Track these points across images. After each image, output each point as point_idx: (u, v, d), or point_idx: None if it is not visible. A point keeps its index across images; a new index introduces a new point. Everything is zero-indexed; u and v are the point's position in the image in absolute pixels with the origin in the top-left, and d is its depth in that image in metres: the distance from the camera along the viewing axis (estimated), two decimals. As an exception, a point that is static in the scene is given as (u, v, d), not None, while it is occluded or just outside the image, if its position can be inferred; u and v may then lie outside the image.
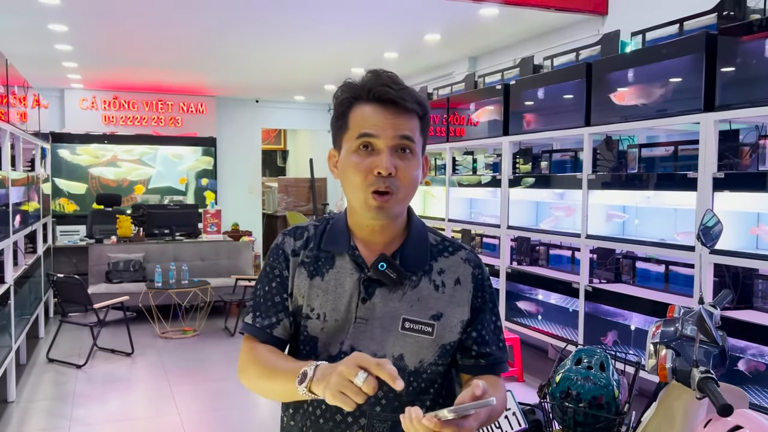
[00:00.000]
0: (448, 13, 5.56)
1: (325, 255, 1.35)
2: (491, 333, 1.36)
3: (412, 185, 1.28)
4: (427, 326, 1.29)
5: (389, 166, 1.23)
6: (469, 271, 1.36)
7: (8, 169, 4.60)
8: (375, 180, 1.24)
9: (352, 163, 1.27)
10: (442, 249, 1.37)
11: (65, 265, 7.76)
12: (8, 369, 4.57)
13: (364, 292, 1.30)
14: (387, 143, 1.24)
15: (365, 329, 1.29)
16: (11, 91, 4.91)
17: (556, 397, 2.11)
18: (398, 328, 1.28)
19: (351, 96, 1.30)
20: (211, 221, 8.40)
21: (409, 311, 1.29)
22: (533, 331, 5.02)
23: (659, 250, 3.98)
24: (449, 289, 1.33)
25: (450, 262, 1.35)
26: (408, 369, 1.29)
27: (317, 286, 1.32)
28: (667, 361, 1.79)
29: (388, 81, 1.27)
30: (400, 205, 1.29)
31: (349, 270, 1.32)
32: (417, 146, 1.28)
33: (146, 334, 6.68)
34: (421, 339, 1.29)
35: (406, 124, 1.26)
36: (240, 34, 6.46)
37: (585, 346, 2.30)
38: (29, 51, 7.07)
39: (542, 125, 4.92)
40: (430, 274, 1.33)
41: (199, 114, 10.54)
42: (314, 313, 1.32)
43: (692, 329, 1.84)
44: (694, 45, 3.59)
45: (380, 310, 1.29)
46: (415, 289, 1.31)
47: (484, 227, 5.89)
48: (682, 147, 4.09)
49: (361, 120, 1.27)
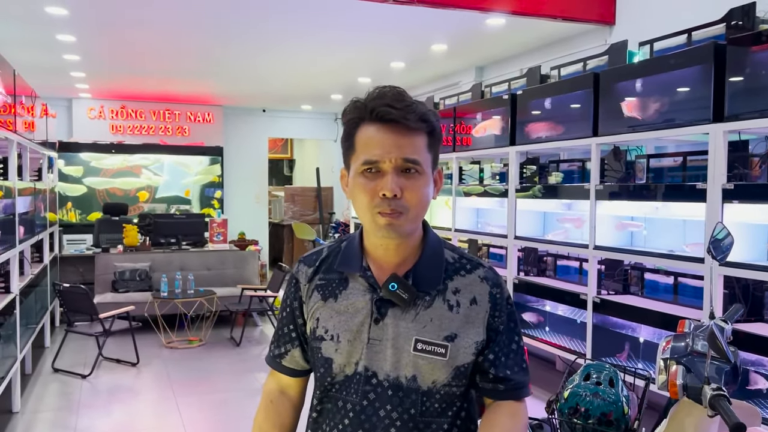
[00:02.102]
0: (454, 23, 5.56)
1: (339, 276, 1.35)
2: (510, 355, 1.33)
3: (421, 204, 1.27)
4: (440, 347, 1.26)
5: (394, 188, 1.21)
6: (487, 290, 1.32)
7: (15, 179, 4.60)
8: (380, 202, 1.23)
9: (359, 185, 1.26)
10: (459, 267, 1.33)
11: (72, 274, 7.77)
12: (13, 379, 4.56)
13: (377, 312, 1.29)
14: (391, 165, 1.23)
15: (379, 350, 1.28)
16: (19, 101, 4.93)
17: (565, 413, 2.08)
18: (411, 349, 1.26)
19: (356, 116, 1.28)
20: (218, 230, 8.40)
21: (422, 332, 1.27)
22: (540, 342, 4.98)
23: (668, 261, 3.94)
24: (464, 308, 1.29)
25: (467, 281, 1.32)
26: (421, 389, 1.27)
27: (331, 307, 1.33)
28: (678, 378, 1.75)
29: (391, 100, 1.25)
30: (411, 224, 1.27)
31: (362, 291, 1.31)
32: (424, 164, 1.26)
33: (152, 343, 6.67)
34: (435, 360, 1.26)
35: (411, 144, 1.24)
36: (247, 44, 6.47)
37: (594, 361, 2.26)
38: (37, 61, 7.11)
39: (549, 135, 4.89)
40: (444, 294, 1.30)
41: (206, 123, 10.58)
42: (328, 335, 1.32)
43: (703, 345, 1.80)
44: (703, 55, 3.57)
45: (393, 331, 1.27)
46: (428, 309, 1.28)
47: (491, 237, 5.86)
48: (691, 158, 4.06)
49: (366, 142, 1.25)
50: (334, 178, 12.00)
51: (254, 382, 5.61)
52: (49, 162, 7.09)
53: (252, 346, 6.80)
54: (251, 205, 11.09)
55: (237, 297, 7.28)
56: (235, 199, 10.82)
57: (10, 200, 4.44)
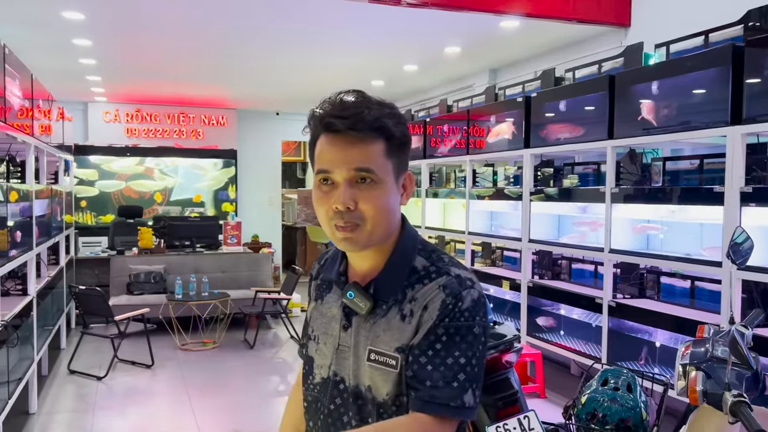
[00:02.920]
0: (468, 25, 5.55)
1: (327, 279, 1.38)
2: (440, 368, 1.17)
3: (379, 214, 1.20)
4: (391, 359, 1.21)
5: (346, 200, 1.18)
6: (441, 298, 1.19)
7: (32, 182, 4.65)
8: (334, 215, 1.20)
9: (316, 198, 1.24)
10: (424, 276, 1.24)
11: (87, 277, 7.83)
12: (30, 380, 4.60)
13: (345, 319, 1.29)
14: (342, 176, 1.19)
15: (346, 357, 1.28)
16: (36, 104, 4.97)
17: (582, 419, 2.06)
18: (365, 359, 1.24)
19: (314, 127, 1.25)
20: (231, 233, 8.43)
21: (375, 342, 1.23)
22: (555, 346, 4.95)
23: (685, 265, 3.91)
24: (416, 318, 1.21)
25: (424, 290, 1.22)
26: (377, 401, 1.24)
27: (318, 309, 1.37)
28: (698, 384, 1.74)
29: (338, 110, 1.20)
30: (370, 236, 1.22)
31: (337, 296, 1.32)
32: (380, 172, 1.20)
33: (166, 346, 6.70)
34: (387, 372, 1.22)
35: (362, 153, 1.18)
36: (260, 47, 6.50)
37: (611, 366, 2.25)
38: (54, 65, 7.18)
39: (564, 138, 4.87)
40: (401, 304, 1.23)
41: (220, 126, 10.63)
42: (313, 335, 1.36)
43: (723, 351, 1.79)
44: (721, 57, 3.54)
45: (354, 339, 1.27)
46: (383, 318, 1.24)
47: (505, 240, 5.84)
48: (708, 160, 4.02)
49: (319, 153, 1.22)
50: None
51: (268, 384, 5.62)
52: (66, 165, 7.15)
53: (266, 349, 6.81)
54: (265, 208, 11.12)
55: (251, 299, 7.30)
56: (248, 202, 10.86)
57: (28, 203, 4.48)
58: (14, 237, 3.98)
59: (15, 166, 4.95)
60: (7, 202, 3.76)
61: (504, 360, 2.52)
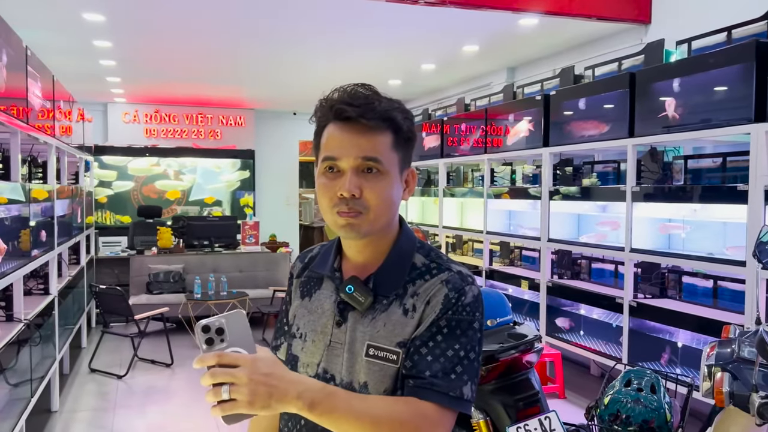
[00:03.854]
0: (486, 24, 5.53)
1: (316, 276, 1.35)
2: (440, 359, 1.17)
3: (383, 205, 1.21)
4: (392, 354, 1.20)
5: (351, 188, 1.18)
6: (444, 292, 1.21)
7: (54, 183, 4.69)
8: (339, 202, 1.20)
9: (320, 185, 1.23)
10: (425, 271, 1.25)
11: (107, 276, 7.90)
12: (52, 379, 4.64)
13: (339, 315, 1.27)
14: (349, 164, 1.19)
15: (338, 353, 1.26)
16: (57, 106, 5.02)
17: (605, 420, 2.04)
18: (363, 354, 1.22)
19: (322, 115, 1.25)
20: (250, 233, 8.46)
21: (375, 337, 1.22)
22: (575, 346, 4.91)
23: (708, 264, 3.86)
24: (419, 313, 1.21)
25: (427, 285, 1.23)
26: None
27: (305, 306, 1.34)
28: (724, 385, 1.71)
29: (350, 97, 1.21)
30: (372, 226, 1.22)
31: (330, 292, 1.30)
32: (387, 164, 1.21)
33: (185, 345, 6.74)
34: (386, 367, 1.21)
35: (370, 143, 1.20)
36: (278, 48, 6.51)
37: (634, 367, 2.22)
38: (75, 67, 7.25)
39: (583, 136, 4.82)
40: (402, 298, 1.23)
41: (238, 127, 10.69)
42: (299, 333, 1.33)
43: (750, 351, 1.76)
44: (744, 53, 3.48)
45: (350, 335, 1.25)
46: (383, 313, 1.23)
47: (524, 240, 5.80)
48: (731, 158, 3.97)
49: (327, 141, 1.23)
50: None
51: (286, 383, 5.62)
52: (86, 165, 7.22)
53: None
54: (282, 208, 11.16)
55: (269, 299, 7.32)
56: (266, 202, 10.90)
57: (49, 203, 4.53)
58: (36, 237, 4.03)
59: (36, 166, 5.00)
60: (29, 202, 3.80)
61: (524, 360, 2.51)
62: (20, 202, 3.62)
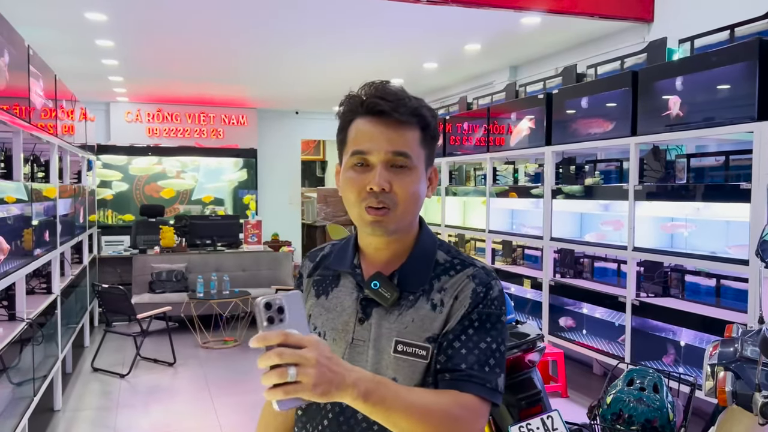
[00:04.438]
0: (489, 22, 5.52)
1: (332, 274, 1.34)
2: (474, 351, 1.19)
3: (411, 200, 1.22)
4: (421, 349, 1.21)
5: (381, 182, 1.18)
6: (471, 287, 1.23)
7: (56, 182, 4.70)
8: (368, 196, 1.20)
9: (347, 179, 1.23)
10: (449, 267, 1.27)
11: (110, 275, 7.91)
12: (55, 378, 4.65)
13: (362, 312, 1.26)
14: (380, 158, 1.20)
15: (361, 350, 1.25)
16: (59, 105, 5.03)
17: (608, 419, 2.03)
18: (391, 351, 1.22)
19: (349, 110, 1.25)
20: (252, 232, 8.47)
21: (403, 333, 1.22)
22: (577, 345, 4.91)
23: (711, 263, 3.85)
24: (447, 307, 1.23)
25: (453, 281, 1.25)
26: None
27: (321, 305, 1.33)
28: (727, 384, 1.70)
29: (381, 92, 1.22)
30: (399, 221, 1.23)
31: (350, 289, 1.30)
32: (416, 159, 1.22)
33: (188, 344, 6.75)
34: (415, 363, 1.21)
35: (401, 138, 1.21)
36: (280, 47, 6.51)
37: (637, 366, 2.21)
38: (77, 66, 7.26)
39: (586, 135, 4.82)
40: (429, 294, 1.24)
41: (240, 126, 10.68)
42: (316, 332, 1.31)
43: (753, 351, 1.75)
44: (747, 52, 3.48)
45: (375, 331, 1.24)
46: (411, 309, 1.23)
47: (526, 239, 5.80)
48: (734, 157, 3.96)
49: (356, 135, 1.23)
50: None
51: (289, 382, 5.62)
52: (88, 165, 7.23)
53: (286, 347, 6.82)
54: (285, 207, 11.16)
55: (271, 298, 7.32)
56: (268, 201, 10.90)
57: (52, 202, 4.53)
58: (39, 236, 4.03)
59: (39, 165, 5.01)
60: (32, 202, 3.81)
61: (527, 359, 2.50)
62: (23, 201, 3.63)
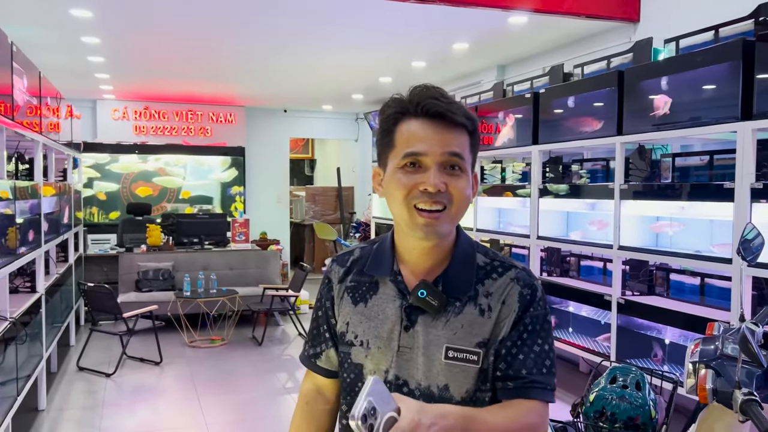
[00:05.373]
0: (476, 21, 5.52)
1: (369, 280, 1.32)
2: (530, 355, 1.23)
3: (463, 202, 1.22)
4: (472, 354, 1.21)
5: (438, 183, 1.17)
6: (517, 290, 1.25)
7: (41, 180, 4.66)
8: (420, 195, 1.18)
9: (396, 181, 1.21)
10: (491, 270, 1.28)
11: (96, 274, 7.86)
12: (39, 377, 4.62)
13: (407, 319, 1.25)
14: (435, 159, 1.18)
15: (409, 358, 1.24)
16: (44, 102, 4.99)
17: (591, 417, 2.05)
18: (442, 357, 1.22)
19: (398, 111, 1.23)
20: (240, 230, 8.44)
21: (453, 339, 1.22)
22: (564, 343, 4.93)
23: (695, 262, 3.88)
24: (495, 312, 1.24)
25: (498, 284, 1.26)
26: (455, 399, 1.22)
27: (361, 312, 1.30)
28: (708, 382, 1.72)
29: (437, 94, 1.21)
30: (450, 224, 1.23)
31: (392, 296, 1.28)
32: (467, 163, 1.22)
33: (175, 343, 6.72)
34: (468, 368, 1.21)
35: (456, 139, 1.20)
36: (268, 45, 6.49)
37: (620, 364, 2.23)
38: (62, 63, 7.20)
39: (573, 134, 4.84)
40: (476, 299, 1.24)
41: (228, 124, 10.64)
42: (358, 340, 1.29)
43: (734, 348, 1.77)
44: (731, 52, 3.50)
45: (423, 339, 1.23)
46: (459, 315, 1.23)
47: (513, 237, 5.82)
48: (718, 156, 3.99)
49: (408, 136, 1.21)
50: (354, 178, 12.01)
51: (276, 381, 5.62)
52: (74, 162, 7.17)
53: (274, 346, 6.82)
54: (273, 205, 11.14)
55: (259, 297, 7.31)
56: (256, 199, 10.87)
57: (36, 200, 4.50)
58: (23, 234, 4.00)
59: (24, 163, 4.97)
60: (15, 200, 3.77)
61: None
62: (7, 199, 3.60)
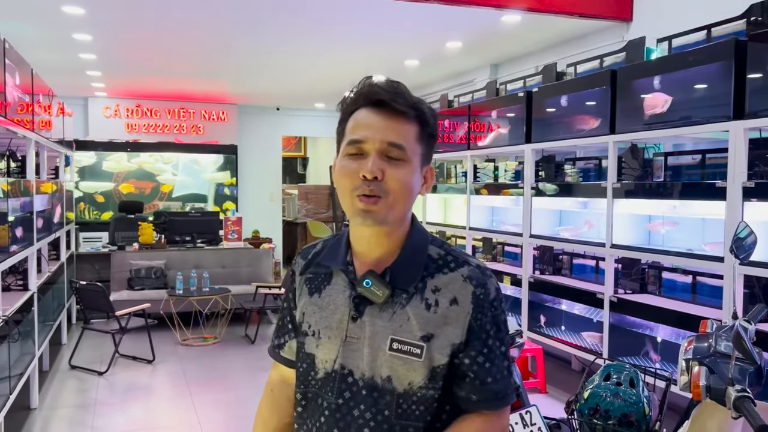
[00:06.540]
0: (470, 20, 5.53)
1: (325, 271, 1.34)
2: (495, 361, 1.25)
3: (403, 191, 1.22)
4: (415, 347, 1.22)
5: (374, 169, 1.19)
6: (470, 290, 1.24)
7: (33, 177, 4.64)
8: (360, 184, 1.20)
9: (341, 168, 1.24)
10: (443, 265, 1.27)
11: (88, 272, 7.82)
12: (31, 376, 4.60)
13: (355, 309, 1.26)
14: (374, 147, 1.21)
15: (356, 348, 1.26)
16: (36, 99, 4.96)
17: (585, 414, 2.06)
18: (386, 348, 1.23)
19: (351, 102, 1.27)
20: (232, 228, 8.43)
21: (398, 331, 1.23)
22: (556, 341, 4.95)
23: (687, 260, 3.90)
24: (443, 308, 1.23)
25: (447, 280, 1.25)
26: (396, 391, 1.23)
27: (315, 303, 1.33)
28: (701, 379, 1.73)
29: (382, 84, 1.24)
30: (390, 212, 1.23)
31: (343, 287, 1.30)
32: (410, 152, 1.23)
33: (167, 341, 6.70)
34: (410, 361, 1.22)
35: (397, 129, 1.22)
36: (261, 43, 6.48)
37: (613, 361, 2.24)
38: (54, 60, 7.16)
39: (565, 133, 4.86)
40: (423, 292, 1.25)
41: (220, 122, 10.61)
42: (310, 330, 1.32)
43: (727, 345, 1.78)
44: (723, 52, 3.53)
45: (370, 329, 1.25)
46: (405, 307, 1.24)
47: (506, 236, 5.83)
48: (710, 155, 4.01)
49: (354, 125, 1.24)
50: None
51: (269, 379, 5.62)
52: (66, 160, 7.14)
53: (266, 344, 6.78)
54: (265, 204, 11.12)
55: (251, 295, 7.30)
56: (249, 198, 10.85)
57: (28, 198, 4.47)
58: (15, 232, 3.98)
59: (15, 161, 4.94)
60: (7, 198, 3.75)
61: (506, 355, 2.52)
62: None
